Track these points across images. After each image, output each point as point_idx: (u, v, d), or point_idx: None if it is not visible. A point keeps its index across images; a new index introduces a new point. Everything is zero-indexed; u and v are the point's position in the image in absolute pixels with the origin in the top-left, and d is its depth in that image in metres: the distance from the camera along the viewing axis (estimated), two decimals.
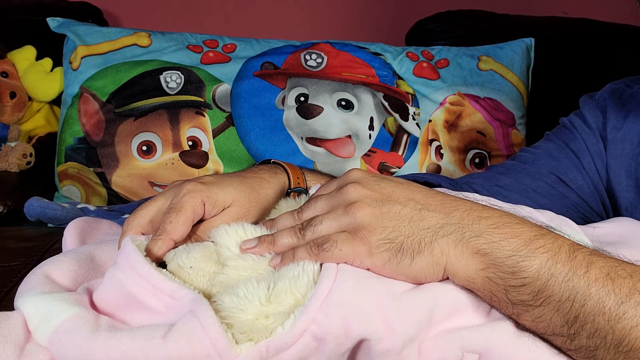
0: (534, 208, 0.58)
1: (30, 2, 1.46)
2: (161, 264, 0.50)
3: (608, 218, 0.74)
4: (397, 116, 1.25)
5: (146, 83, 1.22)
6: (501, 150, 1.29)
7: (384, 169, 1.23)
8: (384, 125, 1.24)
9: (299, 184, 0.63)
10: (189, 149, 1.20)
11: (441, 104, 1.28)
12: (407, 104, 1.26)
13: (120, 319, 0.46)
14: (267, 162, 0.67)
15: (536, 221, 0.48)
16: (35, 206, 0.97)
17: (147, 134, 1.20)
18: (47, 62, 1.32)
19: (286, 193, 0.62)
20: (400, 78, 1.29)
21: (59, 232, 0.80)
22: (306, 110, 1.22)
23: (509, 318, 0.47)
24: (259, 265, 0.49)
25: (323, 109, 1.22)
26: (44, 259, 0.52)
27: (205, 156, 1.20)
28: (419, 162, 1.24)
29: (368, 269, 0.47)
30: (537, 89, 1.40)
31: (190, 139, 1.20)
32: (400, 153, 1.24)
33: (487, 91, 1.30)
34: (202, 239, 0.54)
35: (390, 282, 0.46)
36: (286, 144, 1.21)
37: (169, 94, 1.22)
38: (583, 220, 0.75)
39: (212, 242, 0.52)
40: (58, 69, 1.31)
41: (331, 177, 0.68)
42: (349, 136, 1.22)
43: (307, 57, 1.28)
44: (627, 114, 0.74)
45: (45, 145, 1.30)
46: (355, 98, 1.24)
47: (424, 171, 1.24)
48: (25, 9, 1.44)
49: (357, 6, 1.73)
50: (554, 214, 0.58)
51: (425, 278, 0.47)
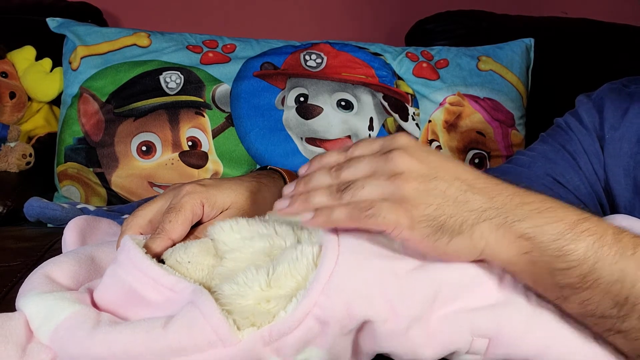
0: None
1: (30, 2, 1.46)
2: (159, 262, 0.50)
3: None
4: (396, 116, 1.25)
5: (146, 83, 1.22)
6: (501, 151, 1.29)
7: None
8: (383, 125, 1.24)
9: None
10: (188, 149, 1.20)
11: (441, 104, 1.28)
12: (406, 104, 1.26)
13: (121, 316, 0.47)
14: (264, 168, 0.68)
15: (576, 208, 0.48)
16: (34, 206, 0.97)
17: (147, 134, 1.20)
18: (47, 62, 1.32)
19: None
20: (399, 78, 1.29)
21: (58, 233, 0.80)
22: (306, 110, 1.22)
23: (527, 299, 0.46)
24: (257, 256, 0.49)
25: (323, 109, 1.22)
26: (44, 259, 0.52)
27: (204, 156, 1.20)
28: None
29: (406, 239, 0.46)
30: (537, 89, 1.40)
31: (189, 139, 1.20)
32: None
33: (487, 91, 1.30)
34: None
35: (392, 261, 0.46)
36: (286, 144, 1.21)
37: (168, 94, 1.22)
38: None
39: (210, 239, 0.52)
40: (58, 69, 1.31)
41: None
42: (349, 136, 1.22)
43: (307, 57, 1.28)
44: (624, 113, 0.74)
45: (45, 146, 1.30)
46: (355, 98, 1.24)
47: None
48: (25, 9, 1.44)
49: (357, 6, 1.73)
50: None
51: (459, 258, 0.46)
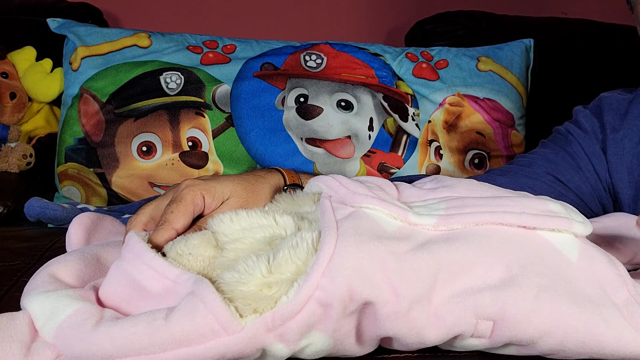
0: None
1: (30, 2, 1.46)
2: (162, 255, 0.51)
3: None
4: (396, 117, 1.25)
5: (146, 84, 1.22)
6: (500, 151, 1.29)
7: (383, 170, 1.23)
8: (383, 125, 1.24)
9: (294, 181, 0.65)
10: (188, 149, 1.20)
11: (440, 104, 1.28)
12: (406, 105, 1.27)
13: (125, 312, 0.47)
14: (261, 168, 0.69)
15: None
16: (35, 206, 0.97)
17: (147, 134, 1.20)
18: (47, 62, 1.32)
19: (283, 189, 0.64)
20: (399, 79, 1.29)
21: (59, 233, 0.80)
22: (306, 110, 1.22)
23: (532, 280, 0.46)
24: (257, 246, 0.49)
25: (323, 109, 1.22)
26: (44, 259, 0.52)
27: (205, 157, 1.20)
28: (418, 163, 1.24)
29: None
30: (537, 89, 1.41)
31: (190, 139, 1.20)
32: (399, 153, 1.24)
33: (487, 92, 1.30)
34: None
35: (391, 242, 0.46)
36: (286, 144, 1.21)
37: (168, 95, 1.22)
38: None
39: (210, 231, 0.52)
40: (58, 69, 1.31)
41: None
42: (349, 137, 1.22)
43: (307, 57, 1.28)
44: (624, 115, 0.76)
45: (45, 146, 1.30)
46: (354, 99, 1.24)
47: (423, 172, 1.24)
48: (26, 9, 1.44)
49: (356, 7, 1.73)
50: (548, 198, 0.58)
51: None
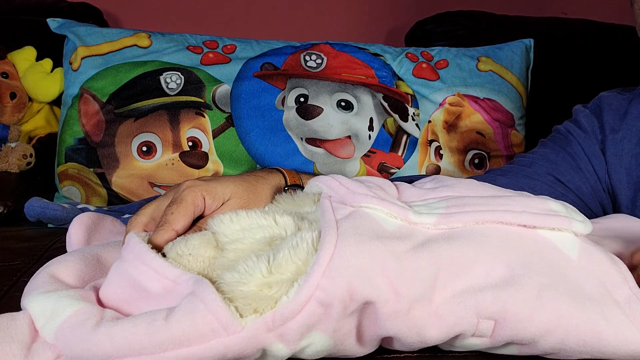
0: None
1: (30, 2, 1.46)
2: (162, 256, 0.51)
3: None
4: (396, 117, 1.25)
5: (146, 84, 1.22)
6: (500, 151, 1.29)
7: (383, 170, 1.23)
8: (383, 125, 1.24)
9: (295, 181, 0.65)
10: (189, 149, 1.20)
11: (440, 104, 1.28)
12: (406, 105, 1.27)
13: (126, 312, 0.47)
14: (261, 168, 0.69)
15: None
16: (35, 206, 0.97)
17: (147, 134, 1.20)
18: (48, 62, 1.32)
19: (283, 189, 0.64)
20: (399, 79, 1.29)
21: (59, 233, 0.80)
22: (306, 110, 1.22)
23: (533, 280, 0.45)
24: (257, 247, 0.49)
25: (323, 109, 1.22)
26: (44, 259, 0.52)
27: (205, 157, 1.20)
28: (418, 163, 1.24)
29: None
30: (537, 89, 1.41)
31: (190, 139, 1.20)
32: (399, 153, 1.24)
33: (487, 92, 1.30)
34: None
35: (391, 241, 0.46)
36: (286, 144, 1.21)
37: (169, 95, 1.22)
38: None
39: (211, 232, 0.52)
40: (58, 69, 1.31)
41: None
42: (349, 137, 1.22)
43: (307, 57, 1.28)
44: (623, 115, 0.76)
45: (46, 146, 1.30)
46: (354, 99, 1.24)
47: (423, 172, 1.24)
48: (26, 9, 1.44)
49: (356, 7, 1.73)
50: (548, 197, 0.58)
51: None
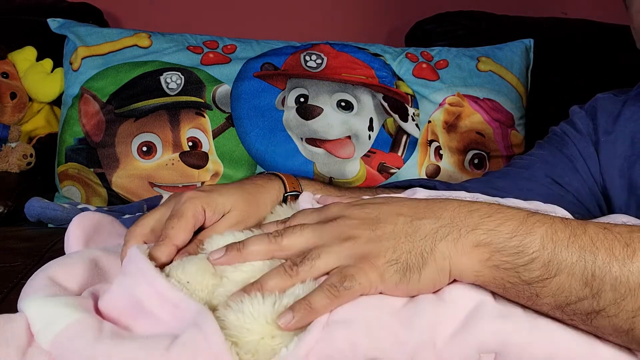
0: None
1: (30, 2, 1.46)
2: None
3: None
4: (396, 117, 1.25)
5: (146, 84, 1.22)
6: (500, 151, 1.29)
7: (383, 170, 1.23)
8: (383, 126, 1.24)
9: (294, 188, 0.65)
10: (189, 149, 1.20)
11: (440, 104, 1.28)
12: (406, 105, 1.27)
13: (124, 326, 0.46)
14: (261, 174, 0.70)
15: (522, 208, 0.49)
16: (35, 206, 0.97)
17: (148, 134, 1.20)
18: (48, 62, 1.32)
19: (283, 197, 0.64)
20: (399, 79, 1.29)
21: (59, 233, 0.80)
22: (306, 111, 1.22)
23: (525, 309, 0.47)
24: (257, 275, 0.48)
25: (323, 109, 1.23)
26: (45, 259, 0.52)
27: (205, 157, 1.20)
28: (418, 163, 1.25)
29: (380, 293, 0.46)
30: (537, 89, 1.41)
31: (190, 139, 1.20)
32: (399, 154, 1.24)
33: (487, 92, 1.30)
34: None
35: (387, 297, 0.46)
36: (286, 144, 1.21)
37: (169, 95, 1.22)
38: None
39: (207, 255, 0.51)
40: (58, 69, 1.31)
41: (325, 185, 0.70)
42: (349, 137, 1.22)
43: (307, 58, 1.28)
44: (616, 117, 0.76)
45: (46, 146, 1.30)
46: (354, 99, 1.24)
47: (423, 171, 1.24)
48: (26, 9, 1.44)
49: (357, 7, 1.73)
50: (540, 202, 0.59)
51: (434, 287, 0.47)
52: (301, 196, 0.60)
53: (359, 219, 0.49)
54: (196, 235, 0.55)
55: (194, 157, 1.20)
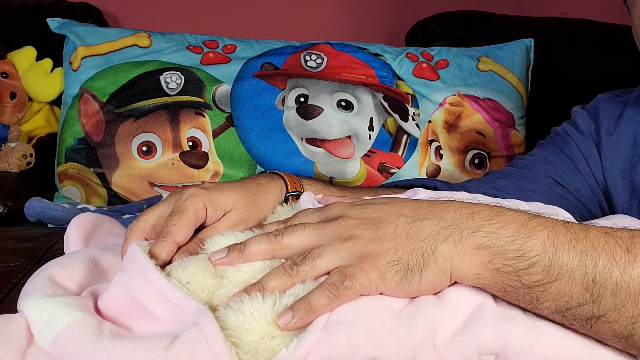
0: None
1: (30, 2, 1.46)
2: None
3: None
4: (396, 117, 1.25)
5: (146, 83, 1.22)
6: (501, 151, 1.29)
7: (383, 170, 1.23)
8: (383, 125, 1.24)
9: (296, 188, 0.64)
10: (189, 149, 1.20)
11: (441, 104, 1.28)
12: (406, 105, 1.27)
13: (124, 325, 0.46)
14: (263, 173, 0.69)
15: (524, 210, 0.49)
16: (35, 206, 0.97)
17: (147, 134, 1.20)
18: (47, 62, 1.32)
19: (284, 197, 0.63)
20: (400, 79, 1.29)
21: (59, 233, 0.80)
22: (306, 110, 1.22)
23: (526, 311, 0.47)
24: (257, 275, 0.48)
25: (323, 109, 1.22)
26: (44, 259, 0.52)
27: (205, 157, 1.20)
28: (418, 163, 1.24)
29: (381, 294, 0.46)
30: (537, 89, 1.40)
31: (190, 139, 1.20)
32: (399, 153, 1.24)
33: (487, 92, 1.30)
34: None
35: (387, 298, 0.46)
36: (286, 144, 1.21)
37: (169, 95, 1.22)
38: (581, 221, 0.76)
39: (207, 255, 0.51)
40: (58, 69, 1.31)
41: (327, 184, 0.70)
42: (349, 137, 1.22)
43: (307, 57, 1.28)
44: (618, 118, 0.76)
45: (46, 146, 1.30)
46: (355, 99, 1.24)
47: (423, 171, 1.24)
48: (26, 9, 1.44)
49: (357, 7, 1.73)
50: (541, 204, 0.59)
51: (435, 289, 0.47)
52: (302, 196, 0.60)
53: (360, 219, 0.49)
54: (197, 233, 0.55)
55: (194, 157, 1.20)
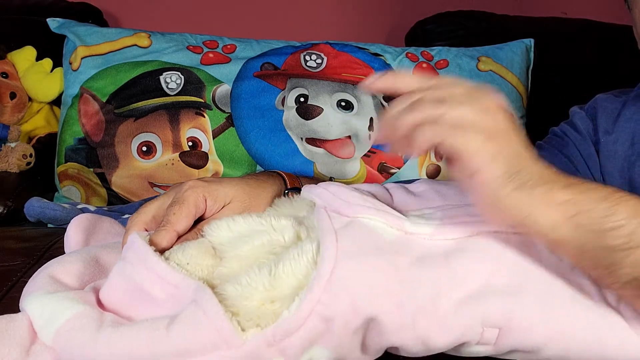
0: None
1: (30, 2, 1.46)
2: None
3: None
4: None
5: (146, 84, 1.22)
6: None
7: (383, 170, 1.23)
8: None
9: (294, 185, 0.65)
10: (189, 149, 1.20)
11: None
12: None
13: (126, 316, 0.46)
14: (262, 171, 0.70)
15: None
16: (35, 206, 0.97)
17: (147, 134, 1.20)
18: (47, 62, 1.32)
19: (283, 193, 0.64)
20: None
21: (59, 233, 0.80)
22: (306, 110, 1.22)
23: (536, 289, 0.46)
24: (256, 254, 0.49)
25: (323, 109, 1.22)
26: (44, 259, 0.52)
27: (205, 157, 1.20)
28: (418, 163, 1.24)
29: (470, 177, 0.44)
30: (537, 89, 1.40)
31: (190, 139, 1.20)
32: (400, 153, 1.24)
33: None
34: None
35: (391, 255, 0.46)
36: (286, 144, 1.21)
37: (169, 95, 1.22)
38: None
39: (207, 239, 0.52)
40: (58, 69, 1.31)
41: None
42: (349, 137, 1.22)
43: (307, 57, 1.28)
44: (616, 118, 0.76)
45: (45, 146, 1.30)
46: (355, 99, 1.24)
47: (423, 172, 1.24)
48: (25, 9, 1.44)
49: (357, 7, 1.73)
50: None
51: (504, 213, 0.45)
52: (304, 188, 0.59)
53: (492, 119, 0.46)
54: (196, 225, 0.56)
55: (194, 157, 1.20)
